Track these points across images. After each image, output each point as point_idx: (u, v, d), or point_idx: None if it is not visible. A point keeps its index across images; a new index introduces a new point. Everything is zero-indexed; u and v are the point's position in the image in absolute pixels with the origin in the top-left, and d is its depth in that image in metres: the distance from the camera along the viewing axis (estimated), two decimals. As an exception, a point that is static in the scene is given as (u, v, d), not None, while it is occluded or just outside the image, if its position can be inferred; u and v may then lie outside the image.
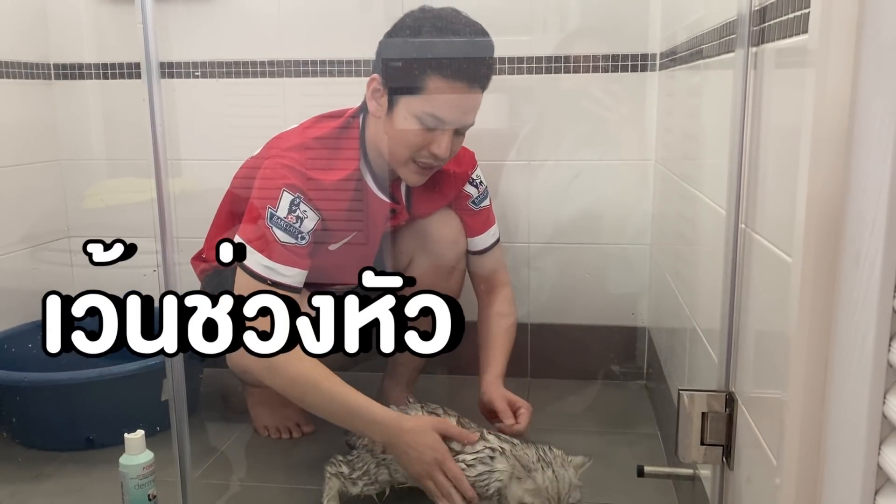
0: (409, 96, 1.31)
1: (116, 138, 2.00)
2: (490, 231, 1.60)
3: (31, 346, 1.78)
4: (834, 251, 0.61)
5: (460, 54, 1.31)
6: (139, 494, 1.26)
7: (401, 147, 1.35)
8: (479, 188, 1.57)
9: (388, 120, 1.34)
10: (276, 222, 1.31)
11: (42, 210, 1.97)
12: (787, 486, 0.69)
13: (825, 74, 0.61)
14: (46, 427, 1.59)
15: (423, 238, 1.54)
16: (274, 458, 1.58)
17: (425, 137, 1.32)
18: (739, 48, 0.91)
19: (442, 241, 1.53)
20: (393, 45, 1.34)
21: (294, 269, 1.32)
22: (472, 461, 1.21)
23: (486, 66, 1.35)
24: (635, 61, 1.77)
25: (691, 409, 0.96)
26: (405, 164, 1.37)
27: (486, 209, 1.58)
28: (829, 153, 0.62)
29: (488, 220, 1.59)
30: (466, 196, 1.56)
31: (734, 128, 0.92)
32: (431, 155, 1.34)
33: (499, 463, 1.20)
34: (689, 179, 1.37)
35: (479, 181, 1.57)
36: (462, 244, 1.56)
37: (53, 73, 1.97)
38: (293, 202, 1.32)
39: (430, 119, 1.30)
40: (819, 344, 0.64)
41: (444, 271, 1.54)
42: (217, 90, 1.90)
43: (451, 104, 1.30)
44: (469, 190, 1.56)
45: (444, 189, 1.51)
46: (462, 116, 1.34)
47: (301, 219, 1.32)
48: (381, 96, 1.34)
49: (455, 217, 1.55)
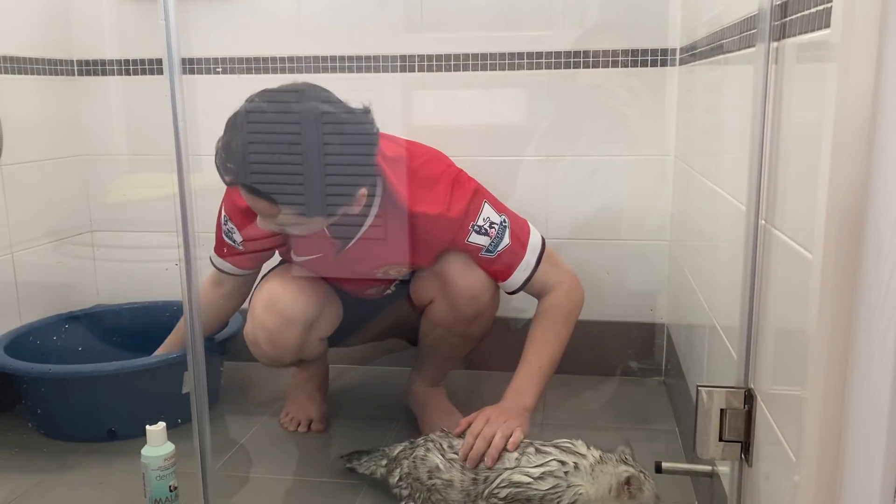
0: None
1: (139, 134, 2.02)
2: (520, 268, 1.43)
3: (55, 339, 1.81)
4: (855, 247, 0.61)
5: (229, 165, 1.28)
6: (161, 485, 1.27)
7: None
8: (491, 232, 1.39)
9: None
10: (223, 226, 1.51)
11: (66, 205, 2.00)
12: (807, 483, 0.69)
13: (847, 69, 0.60)
14: (70, 418, 1.62)
15: (442, 284, 1.44)
16: (293, 451, 1.59)
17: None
18: (760, 43, 0.91)
19: (459, 294, 1.42)
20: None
21: (229, 265, 1.56)
22: (540, 474, 1.16)
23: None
24: (655, 56, 1.77)
25: (710, 405, 0.96)
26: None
27: (505, 250, 1.40)
28: (851, 149, 0.61)
29: (513, 260, 1.42)
30: (476, 248, 1.39)
31: (755, 123, 0.91)
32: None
33: (574, 478, 1.15)
34: (708, 175, 1.37)
35: (488, 225, 1.39)
36: (483, 299, 1.43)
37: (77, 70, 2.00)
38: (224, 219, 1.49)
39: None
40: (839, 341, 0.64)
41: (463, 320, 1.45)
42: (238, 86, 1.92)
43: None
44: (478, 241, 1.39)
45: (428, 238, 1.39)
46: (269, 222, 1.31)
47: (231, 230, 1.49)
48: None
49: (474, 268, 1.42)
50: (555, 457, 1.17)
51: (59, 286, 1.97)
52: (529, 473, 1.17)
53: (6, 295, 1.79)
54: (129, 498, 1.38)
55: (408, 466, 1.26)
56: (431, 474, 1.23)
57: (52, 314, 1.87)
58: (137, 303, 1.98)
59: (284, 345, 1.48)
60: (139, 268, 2.07)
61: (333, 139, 1.25)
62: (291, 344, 1.48)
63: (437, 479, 1.23)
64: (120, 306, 1.98)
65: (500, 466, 1.19)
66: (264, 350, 1.49)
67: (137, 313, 1.95)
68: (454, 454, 1.23)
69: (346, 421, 1.70)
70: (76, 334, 1.85)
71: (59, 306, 1.92)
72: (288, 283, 1.50)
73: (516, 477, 1.17)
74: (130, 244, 2.07)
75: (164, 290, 1.98)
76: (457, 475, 1.21)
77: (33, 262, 1.86)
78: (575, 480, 1.15)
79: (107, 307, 2.00)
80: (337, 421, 1.69)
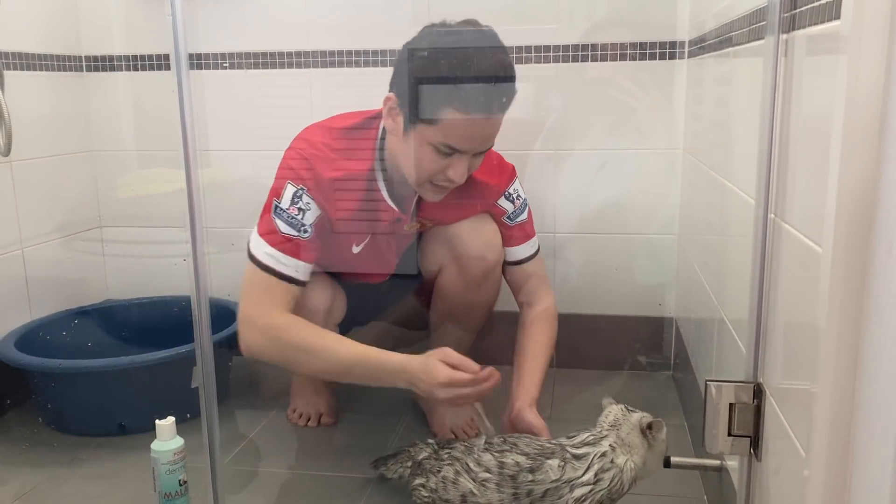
0: (423, 125, 1.27)
1: (147, 129, 2.03)
2: (528, 243, 1.54)
3: (64, 334, 1.83)
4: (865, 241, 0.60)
5: (478, 88, 1.25)
6: (170, 480, 1.28)
7: (418, 170, 1.32)
8: (516, 202, 1.51)
9: (405, 140, 1.31)
10: (279, 214, 1.33)
11: (75, 200, 2.01)
12: (816, 477, 0.68)
13: (858, 62, 0.60)
14: (80, 413, 1.63)
15: (451, 247, 1.49)
16: (302, 445, 1.60)
17: (440, 163, 1.29)
18: (770, 35, 0.90)
19: (468, 253, 1.47)
20: (406, 70, 1.29)
21: (294, 260, 1.33)
22: (594, 479, 1.14)
23: (507, 92, 1.29)
24: (663, 49, 1.76)
25: (719, 399, 0.96)
26: (421, 185, 1.35)
27: (522, 224, 1.53)
28: (861, 142, 0.61)
29: (525, 233, 1.53)
30: (501, 211, 1.50)
31: (764, 116, 0.91)
32: (447, 179, 1.32)
33: (619, 458, 1.15)
34: (717, 169, 1.36)
35: (516, 195, 1.52)
36: (491, 257, 1.48)
37: (85, 66, 2.00)
38: (296, 193, 1.34)
39: (445, 148, 1.27)
40: (849, 335, 0.63)
41: (472, 282, 1.49)
42: (245, 81, 1.92)
43: (468, 134, 1.26)
44: (504, 205, 1.50)
45: (472, 200, 1.46)
46: (479, 144, 1.30)
47: (303, 210, 1.33)
48: (396, 115, 1.31)
49: (489, 227, 1.49)
50: (594, 453, 1.16)
51: (68, 281, 1.98)
52: (586, 481, 1.15)
53: (16, 290, 1.80)
54: (139, 492, 1.39)
55: (435, 483, 1.23)
56: (465, 499, 1.20)
57: (62, 309, 1.88)
58: (146, 298, 1.99)
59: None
60: (148, 263, 2.07)
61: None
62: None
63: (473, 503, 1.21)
64: (129, 301, 1.99)
65: (544, 478, 1.16)
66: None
67: (146, 308, 1.96)
68: (486, 472, 1.19)
69: (354, 416, 1.71)
70: (85, 329, 1.86)
71: (68, 302, 1.93)
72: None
73: (578, 492, 1.14)
74: (139, 239, 2.08)
75: (174, 285, 1.98)
76: (494, 496, 1.17)
77: (43, 258, 1.86)
78: (620, 460, 1.15)
79: (116, 302, 2.01)
80: (344, 416, 1.70)
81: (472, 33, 1.30)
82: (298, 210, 1.33)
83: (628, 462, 1.15)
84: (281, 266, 1.33)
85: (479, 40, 1.29)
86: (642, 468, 1.16)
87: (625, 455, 1.15)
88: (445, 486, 1.22)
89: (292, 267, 1.33)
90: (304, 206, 1.33)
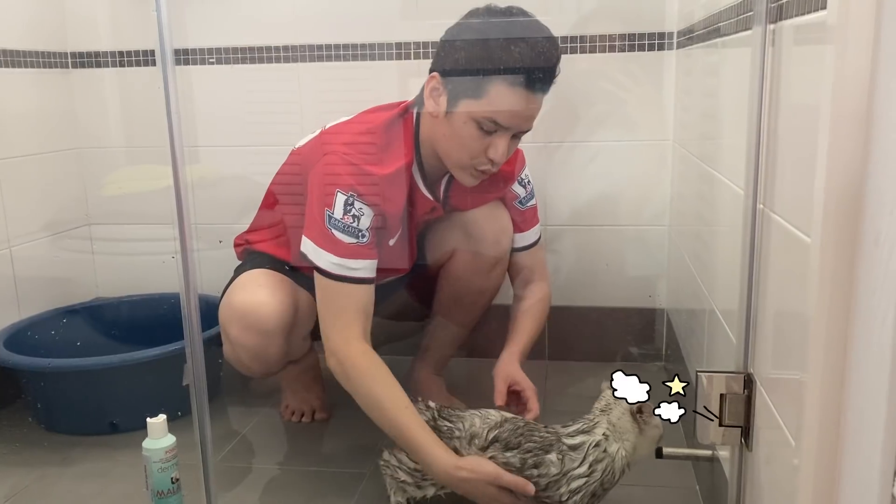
0: (469, 100, 1.28)
1: (135, 126, 2.02)
2: (534, 229, 1.59)
3: (53, 333, 1.81)
4: (853, 231, 0.60)
5: (527, 62, 1.27)
6: (162, 478, 1.28)
7: (459, 151, 1.32)
8: (527, 188, 1.56)
9: (446, 121, 1.31)
10: (334, 224, 1.30)
11: (63, 198, 2.00)
12: (806, 466, 0.69)
13: (844, 51, 0.60)
14: (71, 412, 1.62)
15: (466, 232, 1.52)
16: (294, 441, 1.60)
17: (483, 142, 1.30)
18: (757, 25, 0.90)
19: (484, 238, 1.52)
20: (456, 49, 1.30)
21: (363, 261, 1.31)
22: (588, 471, 1.16)
23: (551, 73, 1.31)
24: (652, 40, 1.75)
25: (710, 390, 0.96)
26: (462, 168, 1.35)
27: (531, 208, 1.58)
28: (849, 132, 0.61)
29: (533, 218, 1.59)
30: (513, 196, 1.55)
31: (752, 107, 0.91)
32: (488, 160, 1.32)
33: (611, 447, 1.16)
34: (707, 160, 1.36)
35: (527, 181, 1.56)
36: (505, 243, 1.54)
37: (71, 62, 1.99)
38: (347, 202, 1.30)
39: (489, 124, 1.27)
40: (838, 325, 0.63)
41: (484, 267, 1.53)
42: (234, 76, 1.91)
43: (513, 111, 1.28)
44: (517, 189, 1.55)
45: (489, 187, 1.48)
46: (522, 122, 1.31)
47: (357, 217, 1.30)
48: (439, 96, 1.31)
49: (504, 213, 1.54)
50: (588, 442, 1.17)
51: (57, 280, 1.97)
52: (581, 473, 1.16)
53: (5, 290, 1.78)
54: (131, 490, 1.38)
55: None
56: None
57: (51, 308, 1.87)
58: (136, 295, 1.98)
59: (270, 358, 1.44)
60: (138, 261, 2.06)
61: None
62: (277, 356, 1.45)
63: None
64: (119, 299, 1.98)
65: (546, 472, 1.16)
66: (250, 368, 1.47)
67: (136, 306, 1.95)
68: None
69: (347, 411, 1.70)
70: (75, 328, 1.85)
71: (58, 300, 1.92)
72: (256, 292, 1.42)
73: (574, 484, 1.15)
74: (129, 237, 2.06)
75: (164, 283, 1.98)
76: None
77: (30, 257, 1.85)
78: (612, 448, 1.16)
79: (105, 300, 2.00)
80: (336, 411, 1.69)
81: (520, 14, 1.33)
82: (353, 217, 1.30)
83: (620, 450, 1.16)
84: (351, 271, 1.31)
85: (527, 25, 1.31)
86: (633, 454, 1.17)
87: (617, 442, 1.17)
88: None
89: (362, 269, 1.31)
90: (358, 211, 1.31)
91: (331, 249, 1.30)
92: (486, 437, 1.20)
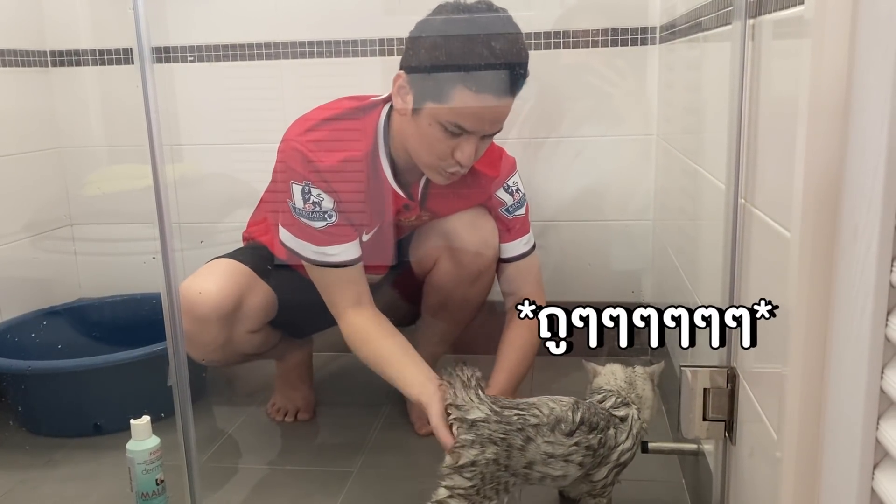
0: (433, 102, 1.25)
1: (116, 124, 2.00)
2: (522, 240, 1.50)
3: (34, 336, 1.79)
4: (832, 225, 0.61)
5: (492, 63, 1.23)
6: (147, 479, 1.27)
7: (426, 151, 1.30)
8: (515, 195, 1.48)
9: (413, 121, 1.29)
10: (300, 213, 1.32)
11: (43, 198, 1.97)
12: (788, 459, 0.69)
13: (821, 45, 0.60)
14: (54, 414, 1.61)
15: (448, 241, 1.47)
16: (280, 440, 1.59)
17: (449, 143, 1.27)
18: (737, 20, 0.90)
19: (466, 248, 1.46)
20: (419, 48, 1.28)
21: (340, 246, 1.34)
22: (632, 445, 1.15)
23: (518, 75, 1.26)
24: (635, 35, 1.76)
25: (694, 384, 0.96)
26: (431, 168, 1.33)
27: (520, 218, 1.49)
28: (826, 125, 0.61)
29: (522, 228, 1.50)
30: (499, 202, 1.47)
31: (732, 101, 0.91)
32: (455, 162, 1.29)
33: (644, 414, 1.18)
34: (690, 154, 1.36)
35: (515, 188, 1.49)
36: (488, 254, 1.47)
37: (50, 61, 1.96)
38: (304, 191, 1.31)
39: (454, 127, 1.24)
40: (818, 318, 0.64)
41: (467, 277, 1.48)
42: (216, 74, 1.89)
43: (478, 115, 1.24)
44: (502, 196, 1.47)
45: (469, 192, 1.44)
46: (489, 125, 1.28)
47: (317, 202, 1.32)
48: (406, 94, 1.29)
49: (487, 223, 1.47)
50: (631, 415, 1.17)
51: (40, 281, 1.95)
52: (628, 447, 1.16)
53: (-14, 291, 1.77)
54: (116, 492, 1.37)
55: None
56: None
57: (32, 310, 1.85)
58: (118, 296, 1.96)
59: (208, 346, 1.41)
60: (120, 261, 2.05)
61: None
62: (213, 344, 1.41)
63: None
64: (100, 300, 1.96)
65: (611, 444, 1.15)
66: (191, 353, 1.41)
67: (118, 307, 1.94)
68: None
69: (334, 409, 1.70)
70: (56, 329, 1.83)
71: (41, 302, 1.90)
72: (204, 279, 1.41)
73: (622, 457, 1.16)
74: (111, 237, 2.05)
75: (146, 283, 1.96)
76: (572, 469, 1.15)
77: (11, 258, 1.83)
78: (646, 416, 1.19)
79: (87, 301, 1.98)
80: (324, 409, 1.69)
81: (487, 15, 1.29)
82: (314, 204, 1.32)
83: (642, 423, 1.19)
84: (330, 257, 1.34)
85: (494, 22, 1.27)
86: (648, 422, 1.20)
87: (644, 415, 1.19)
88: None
89: (340, 254, 1.34)
90: (317, 197, 1.32)
91: (308, 239, 1.33)
92: (573, 419, 1.14)
